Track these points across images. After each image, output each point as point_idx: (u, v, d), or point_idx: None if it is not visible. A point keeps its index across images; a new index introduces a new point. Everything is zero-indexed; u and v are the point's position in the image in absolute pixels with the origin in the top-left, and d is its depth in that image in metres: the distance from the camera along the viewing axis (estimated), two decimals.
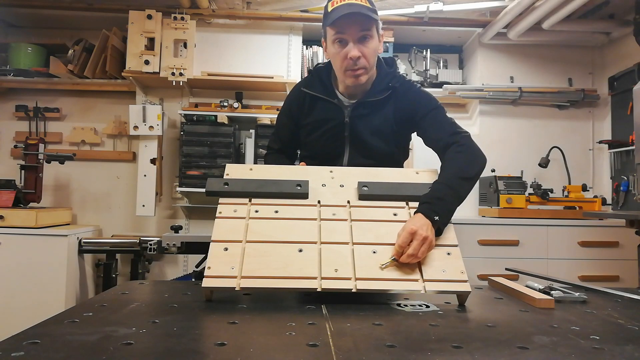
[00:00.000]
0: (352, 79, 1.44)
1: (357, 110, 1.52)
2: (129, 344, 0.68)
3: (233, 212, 1.09)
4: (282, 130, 1.68)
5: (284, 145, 1.69)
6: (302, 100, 1.58)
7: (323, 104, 1.55)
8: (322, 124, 1.54)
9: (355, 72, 1.43)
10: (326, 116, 1.54)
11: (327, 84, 1.56)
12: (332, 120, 1.53)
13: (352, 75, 1.43)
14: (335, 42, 1.41)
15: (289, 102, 1.65)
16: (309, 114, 1.57)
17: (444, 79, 3.65)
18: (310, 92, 1.56)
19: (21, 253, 2.79)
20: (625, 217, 2.35)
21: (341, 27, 1.38)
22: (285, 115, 1.66)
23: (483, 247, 2.94)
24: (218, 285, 0.94)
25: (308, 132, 1.58)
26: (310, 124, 1.57)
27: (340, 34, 1.40)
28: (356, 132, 1.51)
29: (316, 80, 1.58)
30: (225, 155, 3.31)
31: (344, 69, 1.44)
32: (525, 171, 3.35)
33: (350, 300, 0.97)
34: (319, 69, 1.61)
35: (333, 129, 1.53)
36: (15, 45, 3.46)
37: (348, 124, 1.51)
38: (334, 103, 1.53)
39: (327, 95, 1.54)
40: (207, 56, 3.51)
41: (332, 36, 1.42)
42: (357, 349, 0.68)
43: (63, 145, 3.58)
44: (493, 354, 0.68)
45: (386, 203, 1.14)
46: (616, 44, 3.51)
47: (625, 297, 1.13)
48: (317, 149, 1.58)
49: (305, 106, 1.58)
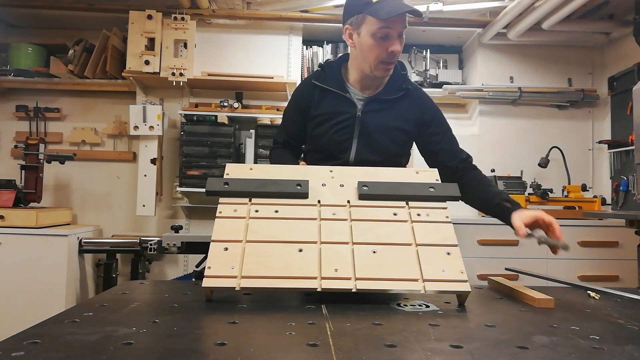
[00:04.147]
0: (382, 72, 1.47)
1: (370, 105, 1.52)
2: (129, 343, 0.68)
3: (233, 211, 1.09)
4: (289, 123, 1.68)
5: (290, 138, 1.68)
6: (312, 93, 1.57)
7: (334, 97, 1.54)
8: (332, 117, 1.54)
9: (388, 66, 1.46)
10: (337, 109, 1.53)
11: (338, 78, 1.56)
12: (344, 114, 1.52)
13: (384, 68, 1.46)
14: (377, 34, 1.41)
15: (297, 95, 1.64)
16: (319, 106, 1.56)
17: (444, 79, 3.65)
18: (321, 85, 1.55)
19: (21, 253, 2.79)
20: (625, 217, 2.35)
21: (390, 22, 1.38)
22: (293, 109, 1.65)
23: (483, 247, 2.94)
24: (218, 285, 0.94)
25: (317, 124, 1.57)
26: (320, 115, 1.56)
27: (387, 28, 1.39)
28: (367, 127, 1.52)
29: (327, 73, 1.58)
30: (225, 155, 3.31)
31: (378, 61, 1.44)
32: (525, 171, 3.35)
33: (350, 300, 0.97)
34: (330, 63, 1.61)
35: (344, 121, 1.52)
36: (15, 46, 3.46)
37: (360, 117, 1.52)
38: (346, 97, 1.53)
39: (339, 89, 1.54)
40: (207, 56, 3.51)
41: (376, 29, 1.40)
42: (357, 349, 0.68)
43: (63, 146, 3.59)
44: (493, 354, 0.68)
45: (386, 203, 1.13)
46: (616, 44, 3.51)
47: (625, 297, 1.13)
48: (324, 141, 1.56)
49: (314, 99, 1.57)
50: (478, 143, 3.60)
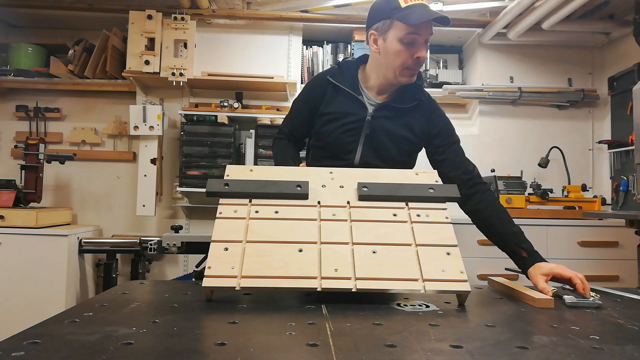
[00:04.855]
0: (407, 78, 1.47)
1: (380, 111, 1.52)
2: (129, 343, 0.68)
3: (233, 212, 1.09)
4: (296, 115, 1.68)
5: (295, 129, 1.68)
6: (324, 89, 1.57)
7: (347, 97, 1.54)
8: (342, 117, 1.53)
9: (413, 72, 1.47)
10: (348, 110, 1.53)
11: (354, 78, 1.56)
12: (353, 115, 1.52)
13: (409, 74, 1.47)
14: (405, 40, 1.41)
15: (309, 89, 1.64)
16: (330, 104, 1.56)
17: (444, 79, 3.65)
18: (336, 83, 1.55)
19: (21, 253, 2.79)
20: (625, 217, 2.35)
21: (419, 29, 1.39)
22: (302, 102, 1.65)
23: (483, 247, 2.94)
24: (218, 285, 0.94)
25: (325, 121, 1.56)
26: (330, 113, 1.55)
27: (415, 34, 1.40)
28: (375, 132, 1.52)
29: (344, 72, 1.58)
30: (225, 155, 3.31)
31: (403, 67, 1.45)
32: (524, 171, 3.35)
33: (350, 300, 0.97)
34: (348, 63, 1.61)
35: (353, 123, 1.52)
36: (15, 46, 3.46)
37: (369, 122, 1.51)
38: (358, 99, 1.53)
39: (353, 90, 1.54)
40: (207, 56, 3.51)
41: (404, 34, 1.40)
42: (357, 349, 0.68)
43: (63, 146, 3.59)
44: (493, 353, 0.68)
45: (386, 203, 1.14)
46: (616, 44, 3.51)
47: (625, 297, 1.13)
48: (330, 140, 1.55)
49: (326, 95, 1.57)
50: (478, 143, 3.60)
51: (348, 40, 3.63)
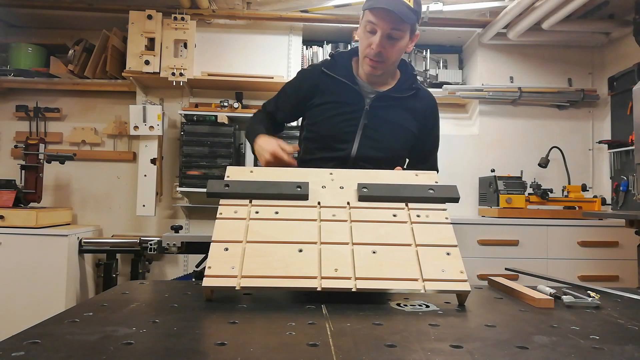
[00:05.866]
0: (368, 67, 1.49)
1: (379, 101, 1.52)
2: (129, 343, 0.68)
3: (233, 213, 1.09)
4: (282, 99, 1.67)
5: (277, 111, 1.67)
6: (317, 82, 1.56)
7: (343, 87, 1.53)
8: (338, 107, 1.53)
9: (372, 62, 1.47)
10: (344, 99, 1.53)
11: (348, 69, 1.56)
12: (350, 105, 1.52)
13: (369, 63, 1.48)
14: (367, 28, 1.43)
15: (300, 79, 1.63)
16: (325, 94, 1.55)
17: (444, 79, 3.65)
18: (330, 73, 1.55)
19: (21, 253, 2.80)
20: (625, 217, 2.35)
21: (375, 17, 1.40)
22: (292, 88, 1.64)
23: (483, 247, 2.94)
24: (218, 285, 0.94)
25: (321, 111, 1.55)
26: (325, 103, 1.54)
27: (372, 23, 1.41)
28: (373, 122, 1.51)
29: (338, 63, 1.57)
30: (225, 155, 3.31)
31: (364, 55, 1.48)
32: (525, 171, 3.35)
33: (350, 300, 0.97)
34: (341, 54, 1.61)
35: (350, 113, 1.52)
36: (15, 45, 3.46)
37: (367, 111, 1.51)
38: (354, 88, 1.53)
39: (348, 80, 1.53)
40: (207, 56, 3.51)
41: (365, 21, 1.44)
42: (357, 349, 0.68)
43: (63, 146, 3.59)
44: (493, 353, 0.68)
45: (386, 204, 1.14)
46: (616, 44, 3.51)
47: (625, 297, 1.13)
48: (326, 130, 1.54)
49: (319, 87, 1.56)
50: (478, 143, 3.60)
51: (348, 40, 3.63)
